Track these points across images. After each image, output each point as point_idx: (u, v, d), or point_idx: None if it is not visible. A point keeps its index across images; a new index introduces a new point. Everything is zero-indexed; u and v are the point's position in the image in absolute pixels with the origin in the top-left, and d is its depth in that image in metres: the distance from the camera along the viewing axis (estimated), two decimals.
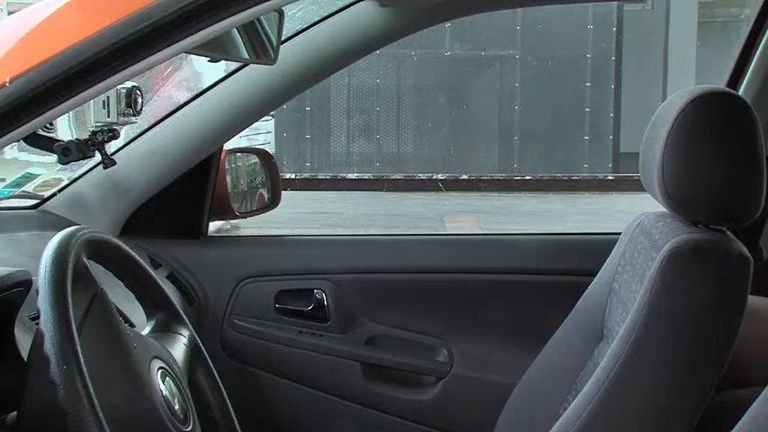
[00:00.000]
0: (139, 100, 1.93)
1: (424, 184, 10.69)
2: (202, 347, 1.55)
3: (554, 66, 11.47)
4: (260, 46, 1.62)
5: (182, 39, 1.20)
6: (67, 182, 2.17)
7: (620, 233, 1.83)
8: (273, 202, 2.36)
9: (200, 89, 2.20)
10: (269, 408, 2.22)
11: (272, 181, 2.35)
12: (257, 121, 2.30)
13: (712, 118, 1.53)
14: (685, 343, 1.48)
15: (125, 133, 2.10)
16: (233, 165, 2.30)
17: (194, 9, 1.18)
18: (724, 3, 12.54)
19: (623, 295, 1.69)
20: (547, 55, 11.47)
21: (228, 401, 1.55)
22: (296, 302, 2.23)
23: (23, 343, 1.25)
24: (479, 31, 11.37)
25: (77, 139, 1.87)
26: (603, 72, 11.54)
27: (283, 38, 1.78)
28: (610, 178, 11.09)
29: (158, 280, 1.52)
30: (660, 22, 12.26)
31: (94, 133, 1.89)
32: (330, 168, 11.39)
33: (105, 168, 1.97)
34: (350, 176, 10.99)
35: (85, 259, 1.27)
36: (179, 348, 1.47)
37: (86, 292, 1.25)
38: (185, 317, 1.54)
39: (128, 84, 1.88)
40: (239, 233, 4.16)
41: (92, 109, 1.89)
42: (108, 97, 1.88)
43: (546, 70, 11.51)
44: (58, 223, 1.96)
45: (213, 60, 1.56)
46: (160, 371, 1.32)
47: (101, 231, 1.39)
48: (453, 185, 10.72)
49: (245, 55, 1.59)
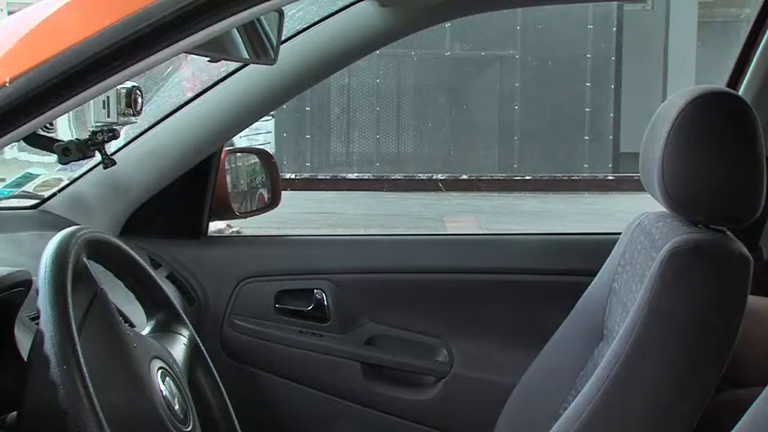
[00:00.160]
0: (139, 100, 1.92)
1: (424, 184, 10.69)
2: (202, 347, 1.55)
3: (554, 66, 11.47)
4: (260, 46, 1.62)
5: (182, 39, 1.20)
6: (67, 182, 2.17)
7: (620, 233, 1.82)
8: (273, 202, 2.36)
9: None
10: (269, 408, 2.22)
11: (272, 181, 2.35)
12: (257, 121, 2.30)
13: (712, 118, 1.53)
14: (685, 343, 1.48)
15: (125, 133, 2.10)
16: (233, 165, 2.30)
17: (194, 9, 1.18)
18: (724, 3, 12.54)
19: (623, 295, 1.69)
20: (547, 55, 11.47)
21: (228, 401, 1.55)
22: (296, 302, 2.23)
23: (23, 343, 1.25)
24: (479, 31, 11.37)
25: (77, 139, 1.87)
26: (603, 72, 11.54)
27: (283, 38, 1.78)
28: (610, 178, 11.10)
29: (158, 280, 1.52)
30: (660, 22, 12.26)
31: (94, 133, 1.89)
32: (330, 168, 11.39)
33: (105, 168, 1.97)
34: (350, 176, 10.99)
35: (85, 259, 1.27)
36: (179, 348, 1.47)
37: (86, 292, 1.25)
38: (185, 317, 1.54)
39: (128, 84, 1.88)
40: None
41: (92, 109, 1.89)
42: (108, 97, 1.88)
43: (546, 70, 11.51)
44: (58, 223, 1.96)
45: (213, 60, 1.56)
46: (160, 371, 1.32)
47: (101, 231, 1.39)
48: (453, 185, 10.72)
49: (245, 55, 1.59)
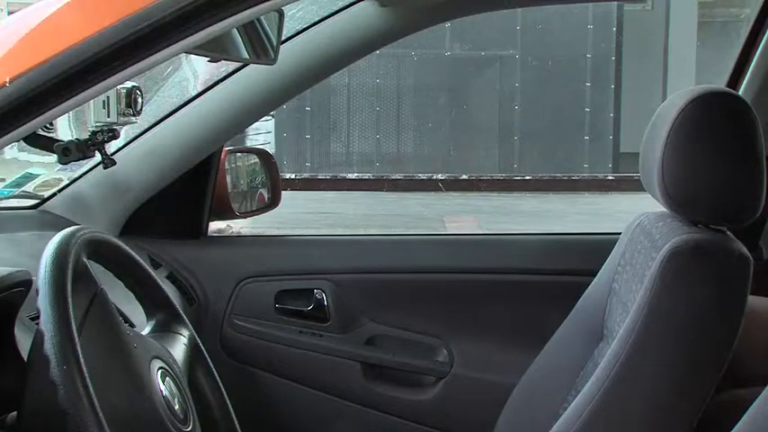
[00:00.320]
0: (139, 100, 1.92)
1: (424, 184, 10.69)
2: (202, 347, 1.55)
3: (554, 66, 11.46)
4: (260, 46, 1.62)
5: (182, 39, 1.20)
6: (67, 182, 2.17)
7: (620, 233, 1.82)
8: (273, 202, 2.36)
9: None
10: (269, 408, 2.22)
11: (272, 181, 2.35)
12: (257, 121, 2.30)
13: (712, 118, 1.53)
14: (685, 343, 1.48)
15: (125, 133, 2.10)
16: (233, 165, 2.30)
17: (194, 9, 1.18)
18: (724, 3, 12.54)
19: (623, 295, 1.69)
20: (547, 55, 11.46)
21: (228, 401, 1.55)
22: (296, 302, 2.23)
23: (23, 343, 1.25)
24: (479, 31, 11.36)
25: (77, 139, 1.87)
26: (603, 72, 11.54)
27: (283, 38, 1.78)
28: (610, 178, 11.09)
29: (158, 280, 1.52)
30: (660, 22, 12.25)
31: (94, 133, 1.89)
32: (330, 168, 11.38)
33: (105, 168, 1.96)
34: (350, 176, 10.99)
35: (85, 259, 1.27)
36: (179, 348, 1.47)
37: (86, 292, 1.25)
38: (185, 317, 1.54)
39: (128, 84, 1.88)
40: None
41: (92, 109, 1.89)
42: (108, 97, 1.88)
43: (546, 70, 11.51)
44: (58, 223, 1.96)
45: (213, 60, 1.56)
46: (160, 371, 1.32)
47: (101, 231, 1.39)
48: (453, 185, 10.72)
49: (245, 55, 1.59)
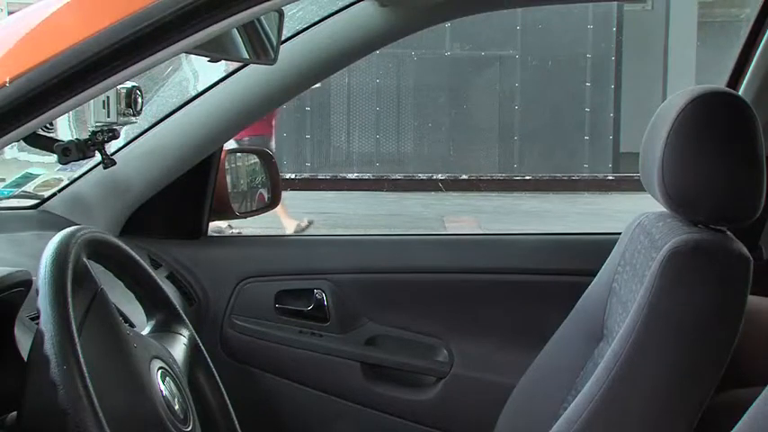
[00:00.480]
0: (139, 100, 1.92)
1: (424, 184, 10.69)
2: (202, 347, 1.55)
3: (554, 66, 11.47)
4: (260, 46, 1.62)
5: (182, 39, 1.19)
6: (67, 182, 2.17)
7: (620, 233, 1.82)
8: (273, 202, 2.36)
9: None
10: (269, 408, 2.22)
11: (272, 181, 2.35)
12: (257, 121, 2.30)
13: (712, 118, 1.53)
14: (685, 343, 1.48)
15: (125, 133, 2.10)
16: (233, 165, 2.30)
17: (194, 9, 1.18)
18: (724, 3, 12.54)
19: (623, 295, 1.69)
20: (547, 55, 11.47)
21: (228, 401, 1.55)
22: (296, 302, 2.23)
23: (23, 343, 1.25)
24: (479, 31, 11.37)
25: (77, 139, 1.87)
26: (603, 72, 11.55)
27: (283, 38, 1.78)
28: (610, 178, 11.10)
29: (158, 280, 1.51)
30: (660, 22, 12.26)
31: (94, 133, 1.89)
32: (330, 168, 11.38)
33: (105, 168, 1.96)
34: (350, 176, 10.98)
35: (85, 259, 1.27)
36: (179, 348, 1.47)
37: (86, 292, 1.25)
38: (185, 317, 1.54)
39: (128, 84, 1.88)
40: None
41: (92, 109, 1.89)
42: (108, 97, 1.87)
43: (546, 70, 11.51)
44: (58, 223, 1.95)
45: (213, 60, 1.55)
46: (160, 371, 1.32)
47: (101, 231, 1.39)
48: (453, 185, 10.72)
49: (245, 55, 1.59)
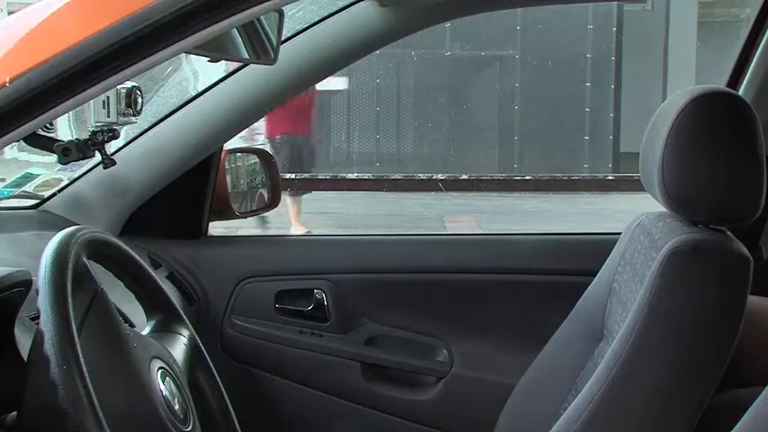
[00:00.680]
0: (139, 100, 1.92)
1: (424, 184, 10.69)
2: (202, 347, 1.55)
3: (554, 66, 11.47)
4: (260, 46, 1.62)
5: (182, 39, 1.19)
6: (67, 182, 2.17)
7: (620, 233, 1.82)
8: (273, 202, 2.36)
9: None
10: (269, 408, 2.22)
11: (272, 181, 2.35)
12: (257, 121, 2.30)
13: (712, 118, 1.53)
14: (685, 343, 1.48)
15: (125, 133, 2.10)
16: (233, 165, 2.30)
17: (194, 9, 1.18)
18: (724, 3, 12.54)
19: (623, 295, 1.69)
20: (547, 55, 11.47)
21: (228, 401, 1.55)
22: (296, 302, 2.23)
23: (23, 343, 1.25)
24: (479, 31, 11.36)
25: (77, 139, 1.87)
26: (603, 72, 11.54)
27: (283, 38, 1.78)
28: (610, 178, 11.09)
29: (158, 280, 1.51)
30: (660, 22, 12.26)
31: (94, 133, 1.89)
32: (330, 168, 11.38)
33: (105, 168, 1.96)
34: (350, 176, 10.98)
35: (85, 259, 1.27)
36: (179, 348, 1.47)
37: (86, 292, 1.25)
38: (185, 317, 1.54)
39: (128, 84, 1.88)
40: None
41: (92, 109, 1.89)
42: (108, 97, 1.87)
43: (546, 70, 11.51)
44: (58, 223, 1.95)
45: (213, 60, 1.55)
46: (160, 371, 1.32)
47: (101, 231, 1.39)
48: (453, 185, 10.72)
49: (245, 55, 1.59)
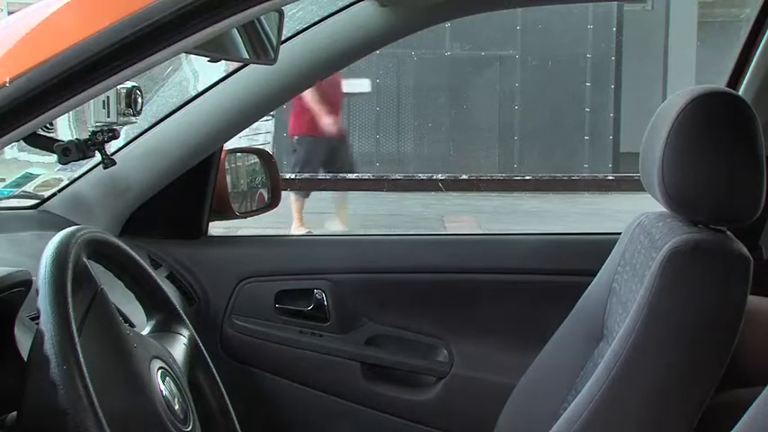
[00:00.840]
0: (139, 100, 1.92)
1: (424, 184, 10.66)
2: (202, 347, 1.55)
3: (554, 66, 11.46)
4: (260, 46, 1.62)
5: (182, 39, 1.19)
6: (67, 182, 2.17)
7: (620, 233, 1.82)
8: (273, 202, 2.36)
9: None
10: (269, 408, 2.22)
11: (272, 181, 2.35)
12: (257, 121, 2.30)
13: (712, 118, 1.53)
14: (685, 343, 1.48)
15: (125, 133, 2.10)
16: (233, 165, 2.30)
17: (194, 9, 1.18)
18: (724, 3, 12.54)
19: (623, 295, 1.69)
20: (547, 55, 11.46)
21: (228, 401, 1.55)
22: (296, 302, 2.23)
23: (23, 343, 1.25)
24: (479, 31, 11.36)
25: (77, 139, 1.87)
26: (603, 72, 11.54)
27: (283, 38, 1.78)
28: (610, 178, 11.07)
29: (158, 280, 1.52)
30: (660, 22, 12.26)
31: (94, 133, 1.89)
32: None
33: (105, 168, 1.96)
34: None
35: (85, 259, 1.27)
36: (179, 348, 1.47)
37: (86, 292, 1.25)
38: (185, 317, 1.54)
39: (128, 84, 1.88)
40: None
41: (92, 109, 1.89)
42: (108, 97, 1.87)
43: (546, 70, 11.51)
44: (58, 223, 1.95)
45: (213, 60, 1.55)
46: (160, 371, 1.32)
47: (101, 231, 1.39)
48: (453, 185, 10.70)
49: (245, 55, 1.59)
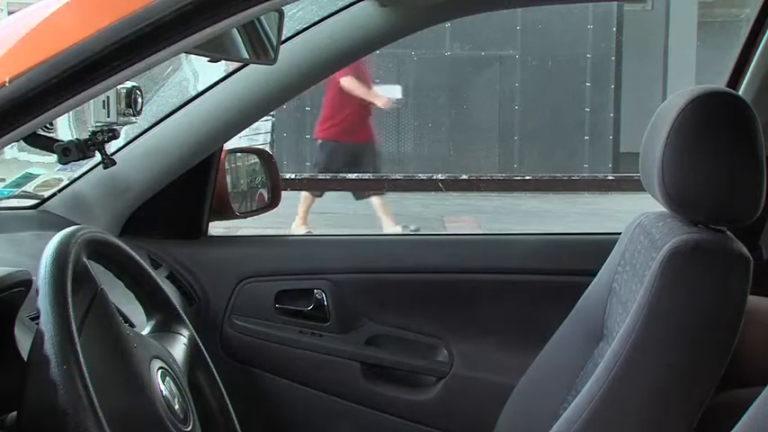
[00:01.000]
0: (139, 100, 1.92)
1: (424, 184, 10.66)
2: (202, 347, 1.55)
3: (554, 66, 11.45)
4: (260, 46, 1.62)
5: (182, 39, 1.19)
6: (67, 182, 2.17)
7: (620, 233, 1.82)
8: (273, 202, 2.36)
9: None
10: (269, 408, 2.22)
11: (272, 181, 2.35)
12: (257, 121, 2.30)
13: (712, 118, 1.53)
14: (685, 343, 1.48)
15: (125, 133, 2.10)
16: (233, 165, 2.30)
17: (194, 9, 1.18)
18: (724, 3, 12.53)
19: (623, 295, 1.69)
20: (547, 55, 11.45)
21: (228, 401, 1.55)
22: (296, 302, 2.23)
23: (23, 343, 1.25)
24: (479, 31, 11.35)
25: (77, 139, 1.87)
26: (603, 72, 11.52)
27: (283, 38, 1.78)
28: (610, 178, 11.06)
29: (158, 280, 1.52)
30: (660, 22, 12.25)
31: (94, 133, 1.89)
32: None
33: (105, 168, 1.96)
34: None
35: (85, 259, 1.27)
36: (179, 348, 1.47)
37: (86, 292, 1.25)
38: (185, 317, 1.54)
39: (128, 84, 1.88)
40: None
41: (92, 109, 1.89)
42: (108, 97, 1.87)
43: (546, 70, 11.49)
44: (58, 223, 1.95)
45: (213, 60, 1.55)
46: (160, 371, 1.32)
47: (101, 231, 1.39)
48: (453, 185, 10.68)
49: (245, 55, 1.59)
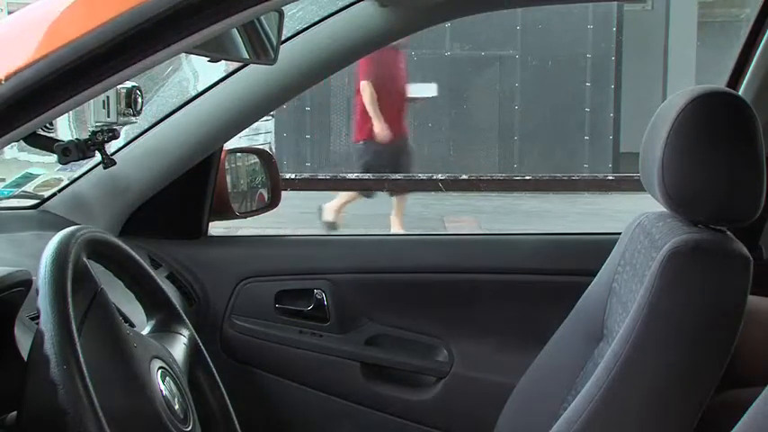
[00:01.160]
0: (139, 100, 1.92)
1: (424, 184, 10.66)
2: (202, 347, 1.55)
3: (554, 66, 11.45)
4: (260, 46, 1.62)
5: (181, 39, 1.19)
6: (67, 182, 2.17)
7: (620, 233, 1.83)
8: (273, 202, 2.36)
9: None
10: (269, 408, 2.22)
11: (272, 181, 2.35)
12: (257, 121, 2.30)
13: (712, 118, 1.53)
14: (685, 343, 1.48)
15: (125, 133, 2.10)
16: (233, 165, 2.30)
17: (194, 9, 1.18)
18: (724, 3, 12.54)
19: (623, 295, 1.69)
20: (547, 55, 11.45)
21: (228, 401, 1.55)
22: (296, 302, 2.23)
23: (23, 343, 1.25)
24: (479, 31, 11.36)
25: (77, 139, 1.87)
26: (603, 72, 11.53)
27: (283, 38, 1.78)
28: (610, 178, 11.06)
29: (158, 280, 1.52)
30: (660, 22, 12.25)
31: (94, 133, 1.89)
32: (330, 168, 11.37)
33: (105, 168, 1.96)
34: (350, 176, 10.96)
35: (85, 259, 1.27)
36: (179, 348, 1.47)
37: (86, 292, 1.25)
38: (185, 317, 1.54)
39: (128, 84, 1.88)
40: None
41: (92, 109, 1.89)
42: (108, 97, 1.87)
43: (546, 70, 11.50)
44: (58, 223, 1.95)
45: (213, 60, 1.55)
46: (160, 371, 1.32)
47: (101, 231, 1.39)
48: (453, 185, 10.68)
49: (245, 55, 1.59)
